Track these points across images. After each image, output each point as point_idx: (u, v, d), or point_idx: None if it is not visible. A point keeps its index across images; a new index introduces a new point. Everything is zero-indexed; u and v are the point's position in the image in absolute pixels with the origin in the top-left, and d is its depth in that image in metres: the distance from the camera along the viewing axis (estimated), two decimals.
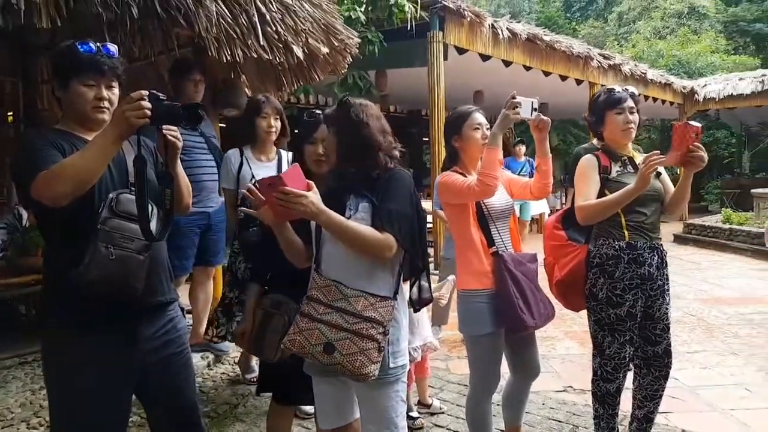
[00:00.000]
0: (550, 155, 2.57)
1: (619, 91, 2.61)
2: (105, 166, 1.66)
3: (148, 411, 2.00)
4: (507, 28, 7.69)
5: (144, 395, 1.92)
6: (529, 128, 2.51)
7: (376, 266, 1.86)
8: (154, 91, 1.65)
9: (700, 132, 2.34)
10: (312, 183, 1.76)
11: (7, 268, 3.74)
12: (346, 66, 4.31)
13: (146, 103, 1.58)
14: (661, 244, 2.66)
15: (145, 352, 1.83)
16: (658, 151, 2.38)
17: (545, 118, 2.47)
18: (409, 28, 6.58)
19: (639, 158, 2.57)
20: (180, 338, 1.95)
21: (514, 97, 2.37)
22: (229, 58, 3.20)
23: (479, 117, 2.54)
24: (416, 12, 6.53)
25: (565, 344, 4.67)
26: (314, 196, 1.72)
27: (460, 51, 7.37)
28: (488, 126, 2.53)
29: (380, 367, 1.79)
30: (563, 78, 9.58)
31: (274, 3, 3.43)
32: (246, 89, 4.28)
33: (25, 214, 4.29)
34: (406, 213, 1.89)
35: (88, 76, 1.74)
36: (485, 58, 7.77)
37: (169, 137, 1.76)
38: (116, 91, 1.81)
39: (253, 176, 3.17)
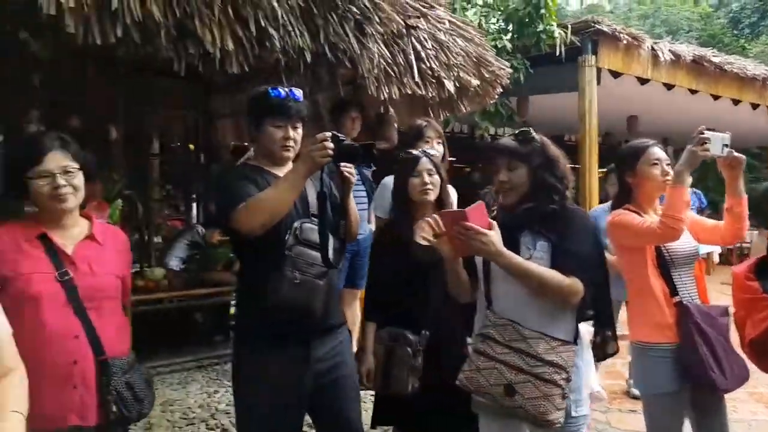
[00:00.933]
0: (745, 196, 2.31)
1: None
2: (293, 200, 1.86)
3: (317, 430, 2.14)
4: (669, 50, 7.22)
5: (314, 415, 2.07)
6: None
7: (555, 308, 1.81)
8: (335, 132, 1.85)
9: None
10: (494, 222, 1.76)
11: (189, 281, 4.26)
12: (496, 96, 4.37)
13: (329, 144, 1.77)
14: None
15: (317, 372, 1.97)
16: None
17: (739, 155, 2.24)
18: (558, 53, 6.46)
19: None
20: (349, 361, 2.09)
21: (702, 133, 2.18)
22: (385, 95, 3.41)
23: (657, 152, 2.36)
24: (566, 37, 6.41)
25: (750, 407, 4.14)
26: (495, 236, 1.72)
27: (615, 75, 7.05)
28: (668, 161, 2.35)
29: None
30: (735, 102, 8.71)
31: (429, 41, 3.60)
32: (395, 123, 4.51)
33: (202, 231, 4.87)
34: (592, 255, 1.85)
35: (277, 118, 1.97)
36: (643, 81, 7.36)
37: (345, 174, 1.94)
38: (300, 130, 2.03)
39: None
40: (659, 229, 2.16)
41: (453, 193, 3.20)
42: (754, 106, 9.02)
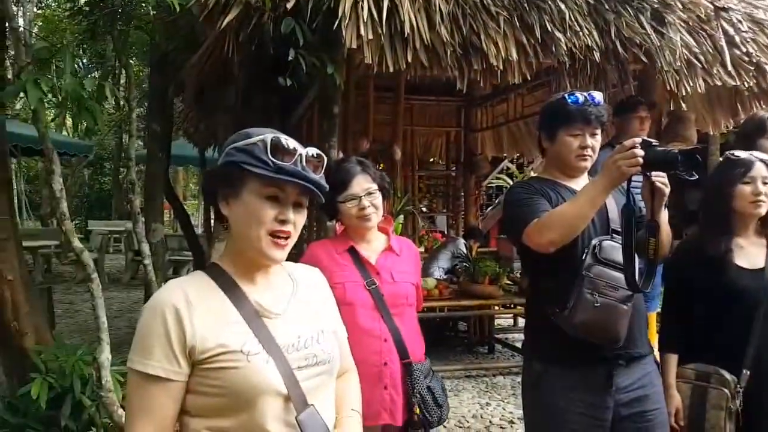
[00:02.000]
0: None
1: None
2: (592, 215, 1.67)
3: None
4: None
5: None
6: None
7: None
8: (646, 138, 1.59)
9: None
10: None
11: (457, 292, 4.31)
12: None
13: (639, 151, 1.53)
14: None
15: (619, 403, 1.75)
16: None
17: None
18: None
19: None
20: (656, 395, 1.82)
21: None
22: (688, 89, 2.95)
23: None
24: None
25: None
26: None
27: None
28: None
29: None
30: None
31: (744, 22, 3.02)
32: (693, 120, 3.91)
33: (464, 243, 4.91)
34: None
35: (574, 126, 1.79)
36: None
37: (658, 184, 1.66)
38: (599, 137, 1.82)
39: None
40: None
41: None
42: None
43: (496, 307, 4.33)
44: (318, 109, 3.27)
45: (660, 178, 1.68)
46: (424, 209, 7.10)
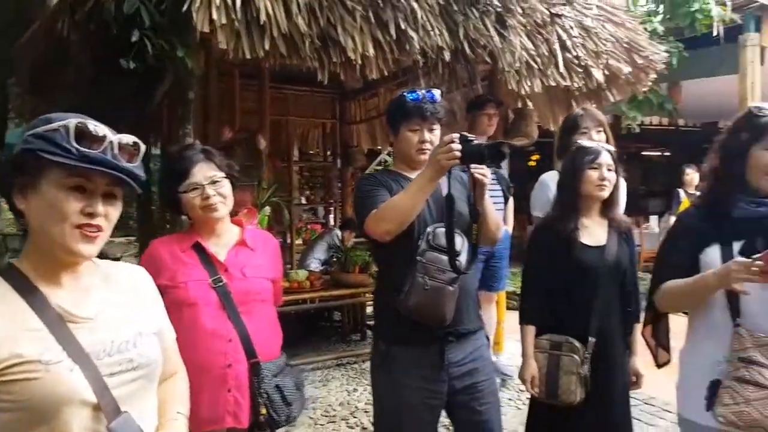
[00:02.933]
0: None
1: None
2: (422, 205, 1.80)
3: None
4: None
5: (453, 419, 2.01)
6: None
7: None
8: (464, 133, 1.73)
9: None
10: None
11: (330, 282, 4.39)
12: (649, 83, 3.99)
13: (456, 146, 1.67)
14: None
15: (453, 376, 1.90)
16: None
17: None
18: (715, 33, 5.79)
19: None
20: (486, 367, 2.00)
21: None
22: (527, 89, 3.24)
23: None
24: (726, 15, 5.72)
25: None
26: None
27: None
28: None
29: None
30: None
31: (575, 28, 3.36)
32: (534, 117, 4.29)
33: (344, 235, 5.00)
34: None
35: (413, 121, 1.91)
36: None
37: (477, 176, 1.82)
38: (437, 132, 1.95)
39: None
40: None
41: (623, 187, 2.95)
42: None
43: (367, 295, 4.44)
44: (174, 95, 3.16)
45: (478, 170, 1.85)
46: (304, 200, 7.10)
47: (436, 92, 1.96)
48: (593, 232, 2.17)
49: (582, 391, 2.05)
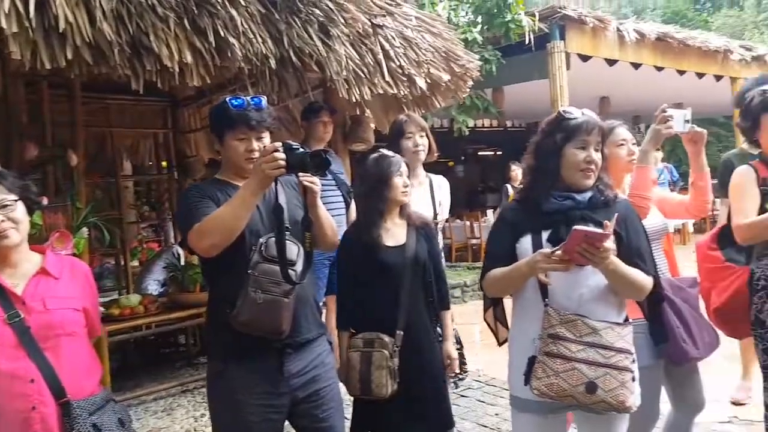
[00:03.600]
0: (708, 169, 2.36)
1: None
2: (247, 217, 1.75)
3: None
4: (634, 30, 7.25)
5: (295, 428, 2.00)
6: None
7: (608, 293, 1.80)
8: (288, 141, 1.74)
9: None
10: (610, 232, 1.66)
11: (169, 304, 4.12)
12: (468, 90, 4.30)
13: (280, 155, 1.66)
14: None
15: (294, 387, 1.90)
16: None
17: (700, 130, 2.27)
18: (527, 41, 6.43)
19: None
20: (327, 373, 2.01)
21: (664, 111, 2.22)
22: (357, 97, 3.32)
23: (623, 132, 2.38)
24: (534, 25, 6.38)
25: (725, 367, 4.19)
26: (613, 247, 1.69)
27: (584, 58, 7.06)
28: (633, 141, 2.38)
29: None
30: (700, 75, 8.81)
31: (396, 38, 3.51)
32: (372, 123, 4.41)
33: (182, 253, 4.72)
34: (650, 250, 1.88)
35: (239, 130, 1.86)
36: (611, 62, 7.38)
37: (305, 183, 1.83)
38: (266, 140, 1.91)
39: None
40: None
41: (446, 185, 3.11)
42: (718, 78, 9.14)
43: None
44: None
45: (307, 178, 1.84)
46: (138, 218, 6.59)
47: (263, 99, 1.92)
48: (394, 233, 2.33)
49: (393, 383, 2.16)
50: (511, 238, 1.85)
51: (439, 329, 2.45)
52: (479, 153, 15.08)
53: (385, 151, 2.40)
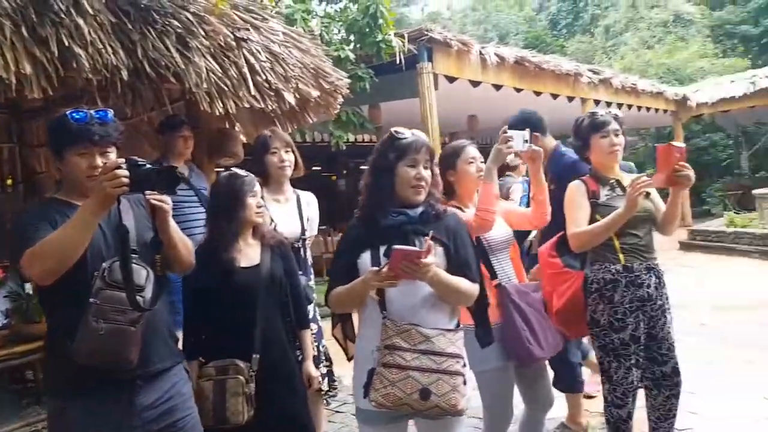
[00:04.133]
0: (546, 185, 2.59)
1: (602, 115, 2.64)
2: (87, 240, 1.64)
3: None
4: (495, 54, 7.79)
5: None
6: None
7: (439, 301, 1.89)
8: (133, 158, 1.65)
9: (684, 152, 2.37)
10: (432, 246, 1.77)
11: (12, 336, 3.73)
12: (338, 106, 4.36)
13: (123, 172, 1.57)
14: (657, 264, 2.66)
15: (148, 420, 1.80)
16: (645, 175, 2.40)
17: (537, 148, 2.50)
18: (398, 61, 6.68)
19: (627, 180, 2.58)
20: (185, 403, 1.93)
21: (505, 132, 2.40)
22: (221, 110, 3.24)
23: (473, 151, 2.56)
24: (404, 46, 6.64)
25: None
26: (434, 260, 1.78)
27: (450, 79, 7.46)
28: (482, 159, 2.55)
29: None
30: (554, 96, 9.66)
31: (262, 53, 3.48)
32: (241, 137, 4.33)
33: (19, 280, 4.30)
34: (476, 258, 1.99)
35: (80, 145, 1.74)
36: (475, 84, 7.86)
37: (152, 202, 1.74)
38: (112, 156, 1.79)
39: (272, 220, 2.80)
40: (474, 222, 2.36)
41: (314, 201, 3.12)
42: (570, 99, 10.11)
43: None
44: None
45: (155, 197, 1.75)
46: None
47: (108, 112, 1.80)
48: (247, 254, 2.30)
49: (249, 408, 2.13)
50: (353, 255, 1.91)
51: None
52: (361, 167, 15.34)
53: (237, 170, 2.36)
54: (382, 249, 1.86)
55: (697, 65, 19.26)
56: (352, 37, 6.71)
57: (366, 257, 1.88)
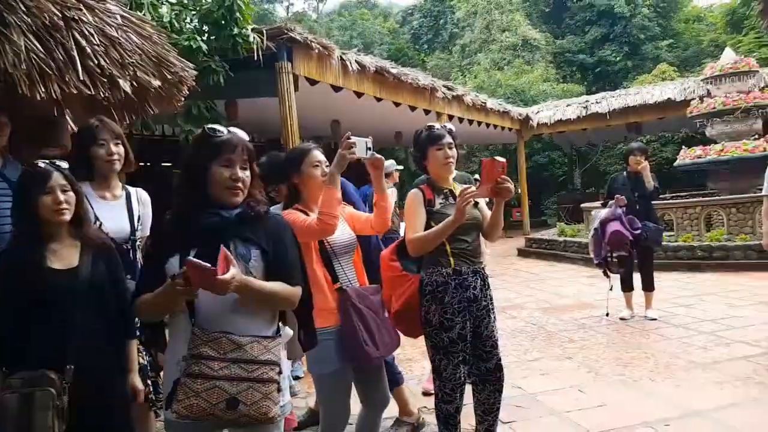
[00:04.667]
0: (387, 192, 2.67)
1: (438, 129, 2.80)
2: None
3: None
4: (356, 61, 7.91)
5: None
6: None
7: (257, 307, 1.83)
8: None
9: (506, 166, 2.58)
10: (232, 258, 1.65)
11: None
12: (183, 98, 4.13)
13: None
14: (483, 267, 2.87)
15: None
16: (471, 187, 2.58)
17: (379, 156, 2.57)
18: (256, 58, 6.51)
19: (459, 190, 2.75)
20: None
21: (349, 138, 2.44)
22: (43, 95, 2.91)
23: (318, 154, 2.57)
24: (262, 43, 6.49)
25: (423, 364, 4.81)
26: (238, 274, 1.67)
27: (312, 82, 7.44)
28: (327, 163, 2.56)
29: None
30: (412, 108, 10.08)
31: (95, 36, 3.19)
32: (71, 125, 3.93)
33: None
34: (301, 260, 1.94)
35: None
36: (337, 89, 7.93)
37: None
38: None
39: (96, 218, 2.60)
40: (317, 225, 2.38)
41: (147, 199, 2.92)
42: (427, 112, 10.64)
43: None
44: None
45: None
46: None
47: None
48: (63, 255, 2.10)
49: (61, 423, 1.95)
50: (161, 259, 1.80)
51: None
52: None
53: (39, 162, 2.12)
54: (193, 253, 1.73)
55: (540, 88, 21.26)
56: (206, 28, 6.40)
57: (174, 262, 1.76)
